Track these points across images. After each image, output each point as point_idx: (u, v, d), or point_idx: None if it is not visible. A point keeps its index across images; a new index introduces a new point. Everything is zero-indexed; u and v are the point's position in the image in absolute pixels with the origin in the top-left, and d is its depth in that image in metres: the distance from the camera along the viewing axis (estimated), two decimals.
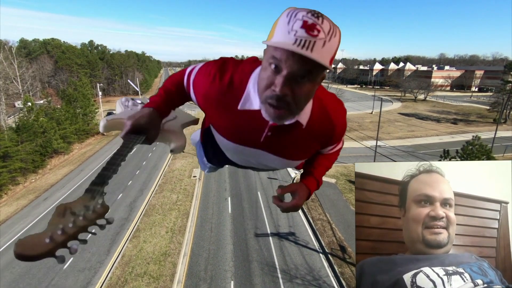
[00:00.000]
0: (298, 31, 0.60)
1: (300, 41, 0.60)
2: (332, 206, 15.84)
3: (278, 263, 11.64)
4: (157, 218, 15.24)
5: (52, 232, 0.49)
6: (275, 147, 0.89)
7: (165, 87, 1.01)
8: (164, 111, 0.98)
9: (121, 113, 1.16)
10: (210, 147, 1.19)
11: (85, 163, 25.13)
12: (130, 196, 17.72)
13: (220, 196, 17.70)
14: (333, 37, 0.63)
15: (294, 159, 0.96)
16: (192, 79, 0.94)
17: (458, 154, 15.29)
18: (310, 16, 0.61)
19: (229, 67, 0.85)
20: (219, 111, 0.87)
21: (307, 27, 0.60)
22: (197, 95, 0.92)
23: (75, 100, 33.52)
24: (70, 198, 13.95)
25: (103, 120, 1.03)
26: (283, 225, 14.37)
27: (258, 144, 0.88)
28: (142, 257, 12.15)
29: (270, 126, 0.81)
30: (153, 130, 0.91)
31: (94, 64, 61.86)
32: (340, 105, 0.90)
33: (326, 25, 0.62)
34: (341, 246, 12.43)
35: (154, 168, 22.26)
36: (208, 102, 0.88)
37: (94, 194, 0.60)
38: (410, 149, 27.18)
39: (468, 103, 53.05)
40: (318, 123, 0.84)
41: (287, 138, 0.85)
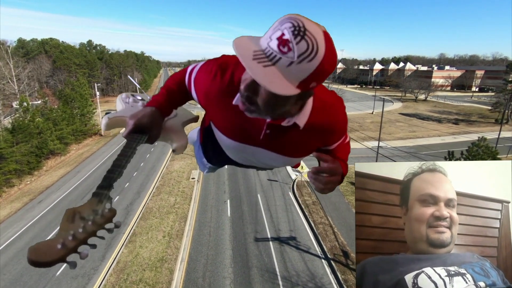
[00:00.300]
0: (272, 41, 0.59)
1: (260, 55, 0.59)
2: (334, 209, 15.45)
3: (278, 269, 11.24)
4: (154, 222, 14.83)
5: (63, 238, 0.49)
6: (274, 145, 0.89)
7: (167, 86, 1.00)
8: (166, 110, 0.97)
9: (122, 111, 1.15)
10: (210, 146, 1.18)
11: (82, 164, 24.71)
12: (127, 199, 17.31)
13: (219, 198, 17.29)
14: (307, 62, 0.58)
15: (294, 157, 0.96)
16: (193, 77, 0.94)
17: (463, 155, 14.91)
18: (291, 31, 0.57)
19: (230, 65, 0.84)
20: (220, 109, 0.87)
21: (280, 41, 0.58)
22: (198, 93, 0.92)
23: (73, 100, 33.06)
24: (65, 201, 13.54)
25: (105, 118, 1.03)
26: (283, 229, 13.97)
27: (257, 142, 0.89)
28: (137, 263, 11.73)
29: (267, 123, 0.81)
30: (156, 130, 0.90)
31: (92, 64, 61.44)
32: (339, 102, 0.88)
33: (302, 46, 0.57)
34: (343, 252, 12.03)
35: (152, 170, 21.85)
36: (209, 99, 0.89)
37: (102, 198, 0.60)
38: (412, 149, 26.82)
39: (469, 103, 52.76)
40: (318, 122, 0.83)
41: (286, 136, 0.85)
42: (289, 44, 0.57)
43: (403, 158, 23.82)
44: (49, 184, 20.82)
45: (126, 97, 1.29)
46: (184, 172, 21.43)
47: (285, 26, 0.58)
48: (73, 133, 30.10)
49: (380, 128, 22.70)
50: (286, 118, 0.78)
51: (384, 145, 27.14)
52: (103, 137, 33.52)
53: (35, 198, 18.54)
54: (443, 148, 26.58)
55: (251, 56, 0.59)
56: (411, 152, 25.91)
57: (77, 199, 17.82)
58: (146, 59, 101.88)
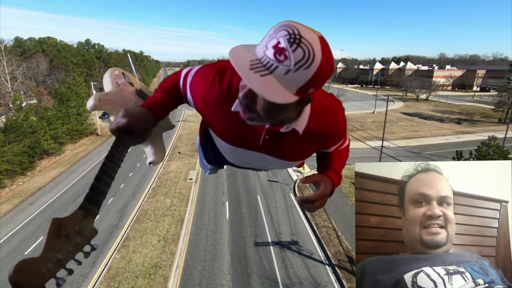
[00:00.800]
0: (269, 49, 0.59)
1: (256, 64, 0.59)
2: (337, 212, 14.80)
3: (280, 277, 10.57)
4: (149, 225, 14.15)
5: (50, 261, 0.47)
6: (273, 149, 0.89)
7: (162, 89, 0.96)
8: (161, 116, 0.93)
9: (112, 94, 1.04)
10: (210, 149, 1.17)
11: (77, 164, 24.02)
12: (121, 201, 16.63)
13: (217, 200, 16.62)
14: (304, 69, 0.57)
15: (294, 160, 0.95)
16: (189, 82, 0.92)
17: (472, 156, 14.25)
18: (286, 39, 0.56)
19: (227, 71, 0.83)
20: (218, 115, 0.87)
21: (276, 49, 0.57)
22: (195, 99, 0.91)
23: (68, 99, 32.33)
24: (57, 203, 12.73)
25: (93, 98, 0.96)
26: (285, 232, 13.30)
27: (257, 147, 0.88)
28: (130, 270, 11.05)
29: (266, 129, 0.81)
30: (145, 135, 0.86)
31: (90, 63, 60.74)
32: (338, 105, 0.88)
33: (299, 54, 0.56)
34: (349, 257, 11.38)
35: (149, 170, 21.13)
36: (207, 106, 0.88)
37: (87, 213, 0.57)
38: (415, 149, 26.20)
39: (471, 103, 52.19)
40: (317, 126, 0.83)
41: (285, 141, 0.85)
42: (285, 53, 0.56)
43: (409, 158, 23.17)
44: (41, 185, 20.12)
45: (118, 75, 1.16)
46: (182, 172, 20.75)
47: (281, 34, 0.57)
48: (68, 132, 29.38)
49: (384, 127, 22.02)
50: (285, 124, 0.77)
51: (387, 145, 26.49)
52: (100, 137, 32.84)
53: (26, 199, 17.85)
54: (447, 148, 25.98)
55: (248, 66, 0.58)
56: (415, 152, 25.27)
57: (69, 200, 17.13)
58: (145, 58, 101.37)
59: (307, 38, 0.56)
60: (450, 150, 24.00)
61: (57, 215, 14.84)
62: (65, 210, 15.82)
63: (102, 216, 14.59)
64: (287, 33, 0.56)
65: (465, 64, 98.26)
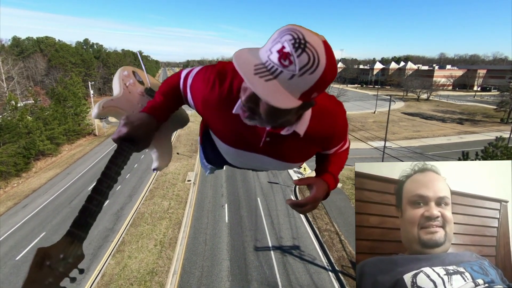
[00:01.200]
0: (273, 54, 0.58)
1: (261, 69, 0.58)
2: (340, 215, 14.36)
3: (281, 283, 10.13)
4: (146, 228, 13.69)
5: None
6: (274, 152, 0.88)
7: (163, 92, 0.96)
8: (162, 119, 0.95)
9: (118, 99, 1.02)
10: (210, 149, 1.16)
11: (73, 165, 23.56)
12: (117, 203, 16.18)
13: (216, 202, 16.17)
14: (308, 74, 0.57)
15: (294, 162, 0.95)
16: (189, 83, 0.91)
17: (479, 157, 13.81)
18: (291, 43, 0.56)
19: (228, 73, 0.82)
20: (219, 117, 0.86)
21: (281, 54, 0.57)
22: (195, 101, 0.90)
23: (65, 99, 31.85)
24: (51, 206, 12.18)
25: (97, 107, 0.95)
26: (286, 236, 12.86)
27: (257, 149, 0.88)
28: (125, 277, 10.60)
29: (267, 132, 0.81)
30: (147, 141, 0.88)
31: (89, 63, 60.29)
32: (339, 107, 0.87)
33: (304, 59, 0.56)
34: (352, 263, 10.93)
35: (146, 172, 20.67)
36: (208, 108, 0.87)
37: (74, 239, 0.57)
38: (417, 150, 25.79)
39: (472, 103, 51.81)
40: (318, 129, 0.82)
41: (286, 144, 0.85)
42: (290, 57, 0.56)
43: (412, 158, 22.73)
44: (36, 186, 19.65)
45: (127, 76, 1.11)
46: (180, 174, 20.30)
47: (285, 38, 0.57)
48: (65, 133, 28.90)
49: (386, 127, 21.60)
50: (286, 127, 0.78)
51: (389, 145, 26.07)
52: (97, 137, 32.37)
53: (19, 202, 17.38)
54: (450, 148, 25.58)
55: (253, 71, 0.58)
56: (417, 152, 24.85)
57: (64, 203, 16.67)
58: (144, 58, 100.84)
59: (312, 43, 0.56)
60: (453, 151, 23.60)
61: (51, 218, 14.21)
62: (59, 213, 15.36)
63: (98, 219, 13.85)
64: (292, 38, 0.56)
65: (465, 64, 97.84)
